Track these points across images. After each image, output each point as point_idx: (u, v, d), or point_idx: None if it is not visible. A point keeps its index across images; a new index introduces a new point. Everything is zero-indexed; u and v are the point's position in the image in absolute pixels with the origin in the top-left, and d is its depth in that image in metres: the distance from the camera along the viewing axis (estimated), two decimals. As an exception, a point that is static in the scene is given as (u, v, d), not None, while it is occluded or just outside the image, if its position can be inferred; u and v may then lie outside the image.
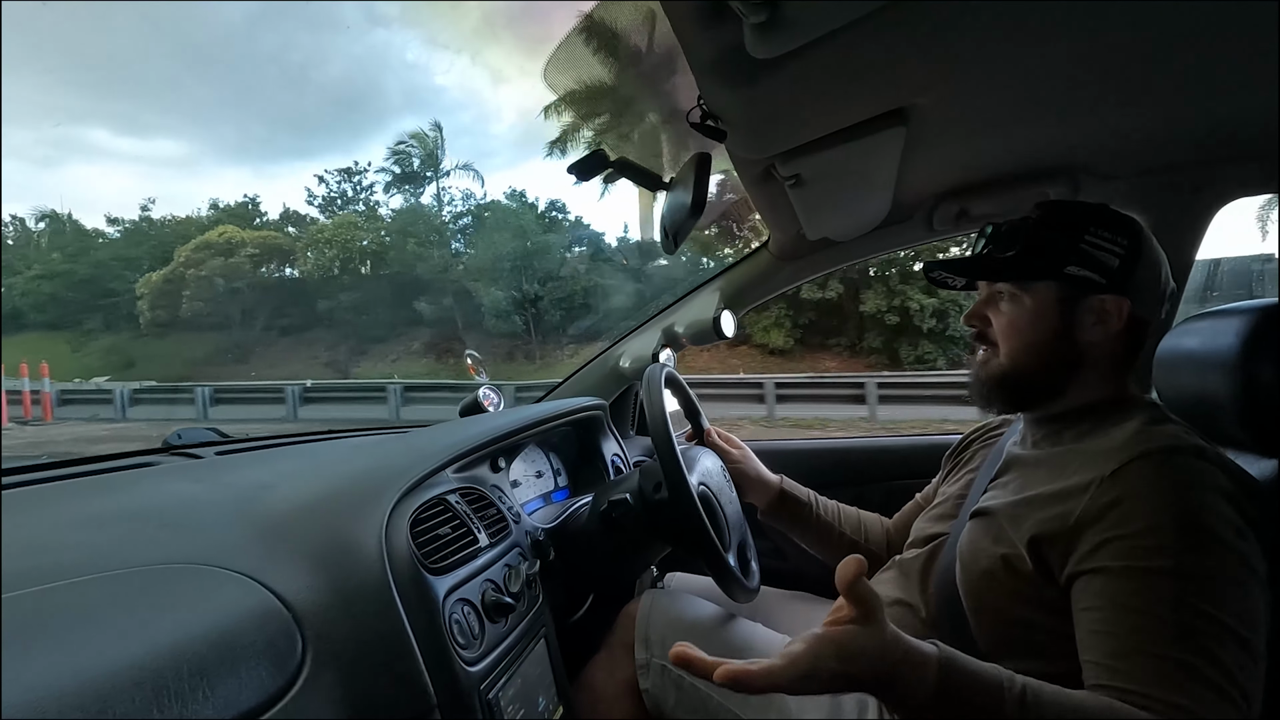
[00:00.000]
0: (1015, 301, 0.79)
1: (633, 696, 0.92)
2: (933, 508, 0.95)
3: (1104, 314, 0.75)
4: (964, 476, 0.94)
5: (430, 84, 58.84)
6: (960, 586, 0.77)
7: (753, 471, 1.17)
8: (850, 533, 1.12)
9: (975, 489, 0.86)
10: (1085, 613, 0.64)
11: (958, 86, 0.73)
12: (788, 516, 1.14)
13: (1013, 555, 0.71)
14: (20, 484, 0.77)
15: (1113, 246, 0.74)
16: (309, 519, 0.67)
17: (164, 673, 0.43)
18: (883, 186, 1.03)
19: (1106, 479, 0.65)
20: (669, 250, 0.90)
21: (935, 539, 0.88)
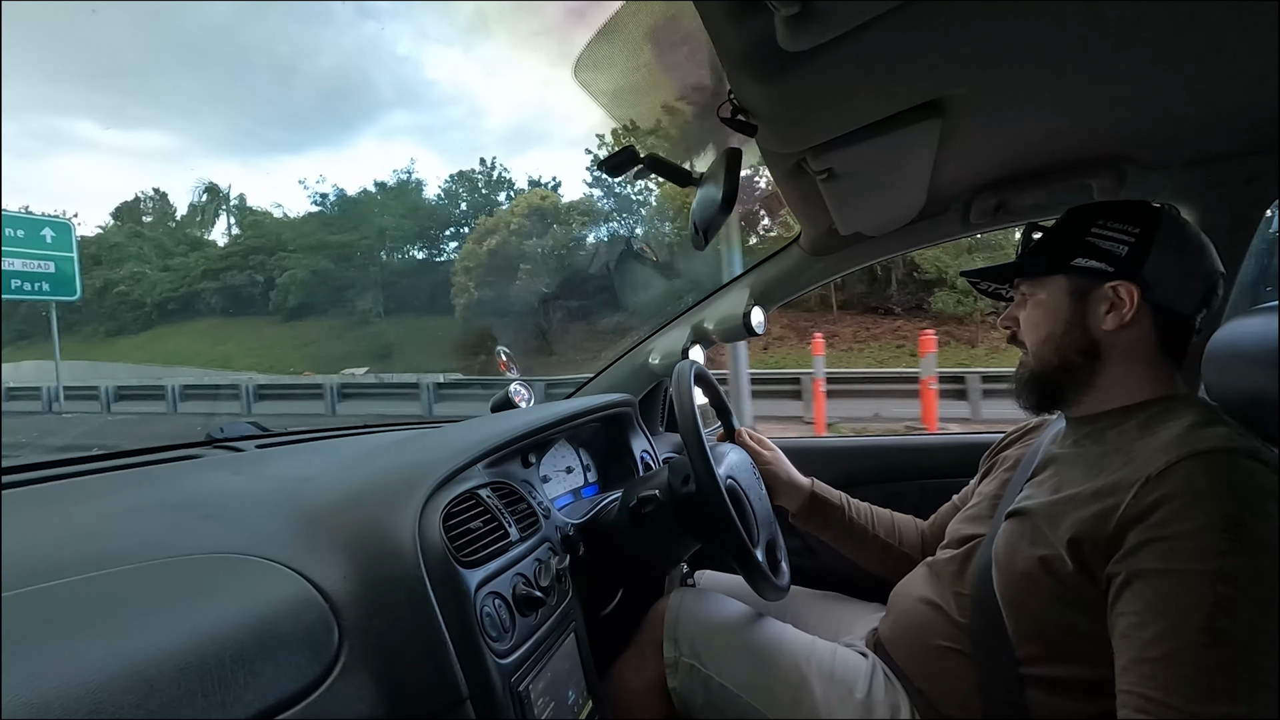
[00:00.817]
0: (1033, 299, 0.82)
1: (661, 694, 0.92)
2: (968, 508, 0.94)
3: (1116, 301, 0.75)
4: (1000, 476, 0.92)
5: (421, 77, 58.51)
6: (997, 589, 0.76)
7: (784, 474, 1.16)
8: (884, 535, 1.11)
9: (1011, 489, 0.84)
10: (1120, 616, 0.62)
11: (995, 76, 0.71)
12: (819, 519, 1.14)
13: (1052, 556, 0.69)
14: (74, 474, 0.80)
15: (1121, 235, 0.76)
16: (345, 511, 0.68)
17: (207, 659, 0.45)
18: (917, 180, 1.01)
19: (1153, 478, 0.63)
20: (699, 246, 0.90)
21: (970, 540, 0.86)
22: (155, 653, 0.43)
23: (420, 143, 66.95)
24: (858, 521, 1.12)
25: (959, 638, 0.81)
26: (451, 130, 63.50)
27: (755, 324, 1.39)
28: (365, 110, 61.18)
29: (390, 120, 61.85)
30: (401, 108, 60.63)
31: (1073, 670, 0.70)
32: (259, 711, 0.46)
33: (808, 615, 1.10)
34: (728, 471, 0.95)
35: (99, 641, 0.43)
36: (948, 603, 0.84)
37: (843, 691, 0.84)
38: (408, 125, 66.60)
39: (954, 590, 0.84)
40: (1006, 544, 0.76)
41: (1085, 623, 0.67)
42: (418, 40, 60.38)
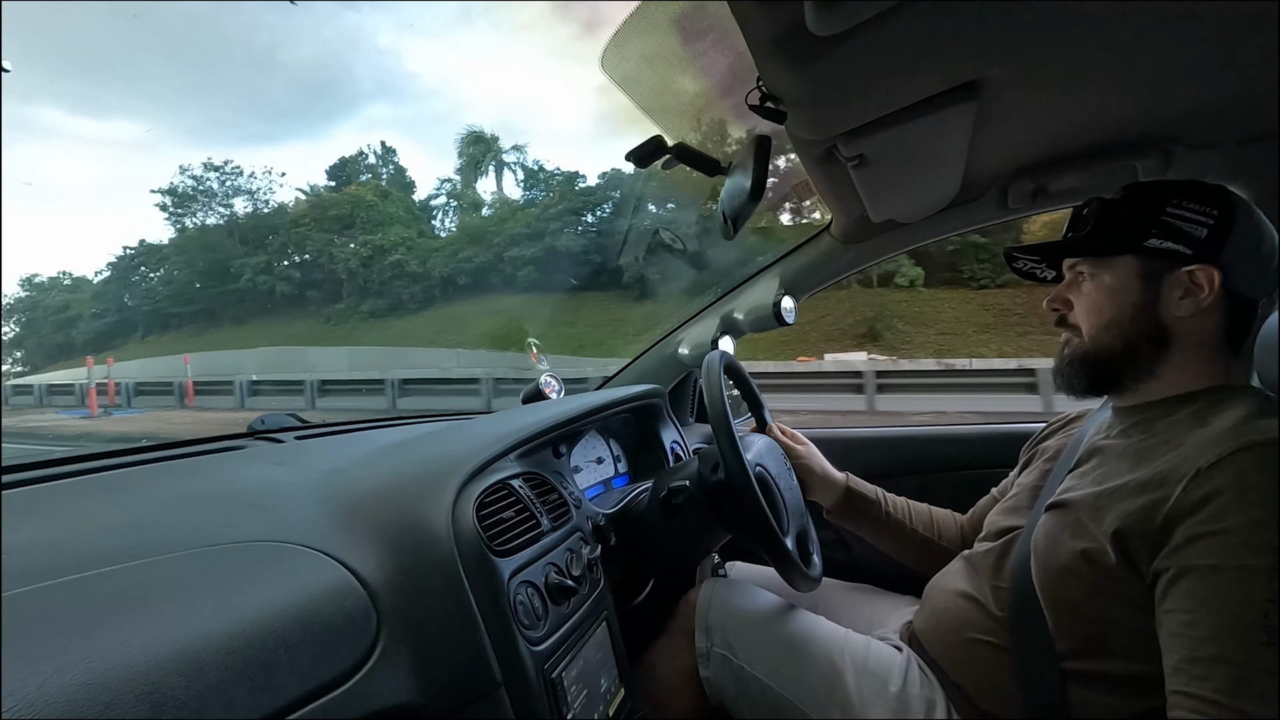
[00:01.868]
0: (1095, 280, 0.77)
1: (693, 684, 0.93)
2: (1007, 500, 0.91)
3: (1192, 286, 0.71)
4: (1041, 467, 0.90)
5: (402, 70, 57.86)
6: (1036, 583, 0.74)
7: (818, 468, 1.14)
8: (923, 530, 1.09)
9: (1052, 480, 0.82)
10: (1169, 614, 0.60)
11: (1034, 56, 0.69)
12: (855, 515, 1.12)
13: (1094, 549, 0.67)
14: (124, 465, 0.84)
15: (1199, 216, 0.71)
16: (382, 501, 0.70)
17: (252, 643, 0.46)
18: (952, 164, 0.99)
19: (1205, 470, 0.60)
20: (728, 236, 0.90)
21: (1009, 532, 0.84)
22: (204, 637, 0.45)
23: (401, 136, 65.27)
24: (894, 516, 1.10)
25: (996, 631, 0.79)
26: (433, 124, 62.62)
27: (786, 313, 1.37)
28: (345, 102, 60.27)
29: (370, 113, 61.03)
30: (382, 100, 59.90)
31: (1116, 665, 0.68)
32: (302, 694, 0.47)
33: (840, 607, 1.09)
34: (756, 459, 0.95)
35: (151, 625, 0.45)
36: (985, 596, 0.82)
37: (877, 685, 0.83)
38: (388, 118, 65.18)
39: (992, 583, 0.82)
40: (1046, 536, 0.74)
41: (1130, 618, 0.65)
42: (399, 32, 59.70)
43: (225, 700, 0.42)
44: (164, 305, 33.69)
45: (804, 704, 0.84)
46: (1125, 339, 0.75)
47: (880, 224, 1.23)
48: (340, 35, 56.52)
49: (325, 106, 59.73)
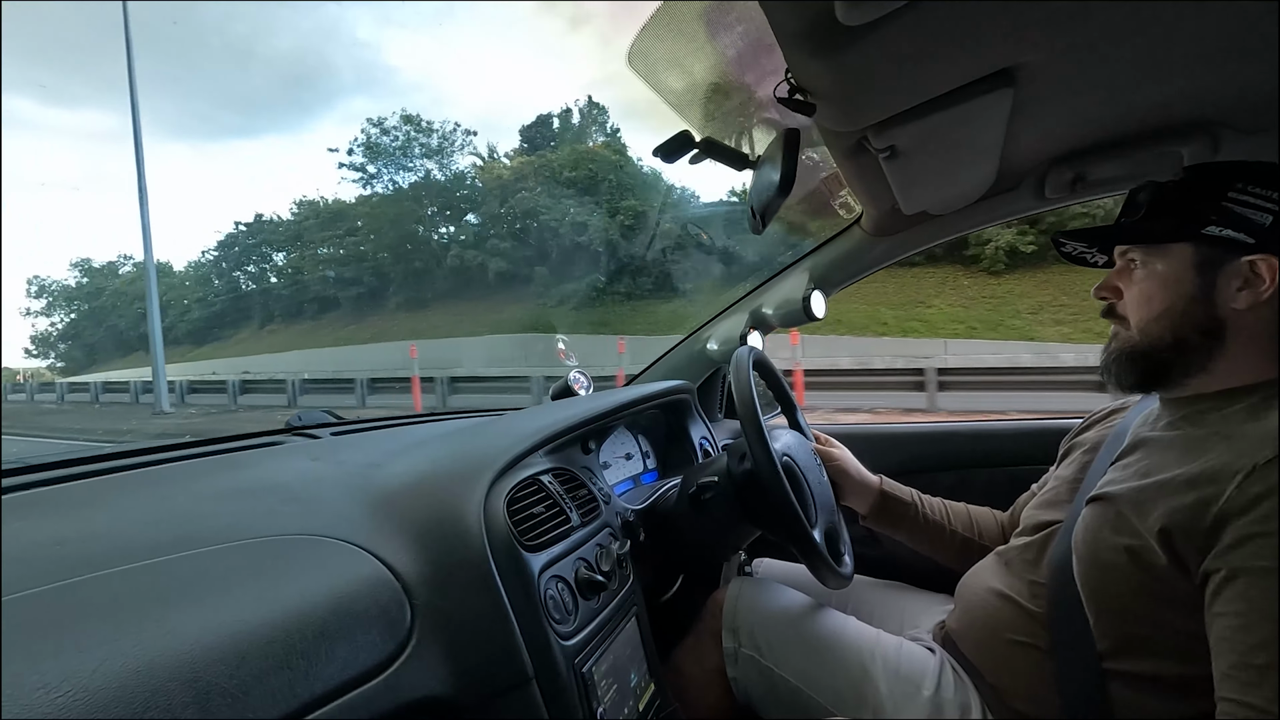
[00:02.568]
0: (1147, 268, 0.73)
1: (721, 684, 0.93)
2: (1044, 493, 0.89)
3: (1252, 277, 0.67)
4: (1079, 459, 0.87)
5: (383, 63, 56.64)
6: (1078, 579, 0.72)
7: (853, 471, 1.12)
8: (962, 530, 1.06)
9: (1093, 472, 0.79)
10: (1219, 617, 0.58)
11: (1073, 40, 0.67)
12: (891, 518, 1.09)
13: (1140, 546, 0.65)
14: (168, 460, 0.86)
15: (1265, 202, 0.67)
16: (414, 496, 0.71)
17: (292, 633, 0.48)
18: (987, 154, 0.96)
19: (1261, 467, 0.58)
20: (756, 231, 0.89)
21: (1046, 527, 0.82)
22: (245, 626, 0.46)
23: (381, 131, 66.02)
24: (932, 518, 1.07)
25: (1033, 630, 0.77)
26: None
27: (816, 309, 1.36)
28: (324, 95, 58.28)
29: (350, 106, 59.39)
30: (362, 94, 58.16)
31: (1162, 667, 0.66)
32: (339, 684, 0.48)
33: (871, 606, 1.07)
34: (784, 449, 0.94)
35: (196, 615, 0.46)
36: (1020, 593, 0.80)
37: (909, 689, 0.82)
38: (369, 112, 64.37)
39: (1028, 579, 0.80)
40: (1087, 530, 0.72)
41: (1178, 618, 0.63)
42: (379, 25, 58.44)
43: (266, 689, 0.44)
44: (309, 288, 29.04)
45: (834, 706, 0.83)
46: (1176, 332, 0.71)
47: (912, 216, 1.21)
48: (319, 27, 54.93)
49: (303, 100, 58.17)
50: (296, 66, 55.75)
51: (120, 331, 35.65)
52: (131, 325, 33.59)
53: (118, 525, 0.62)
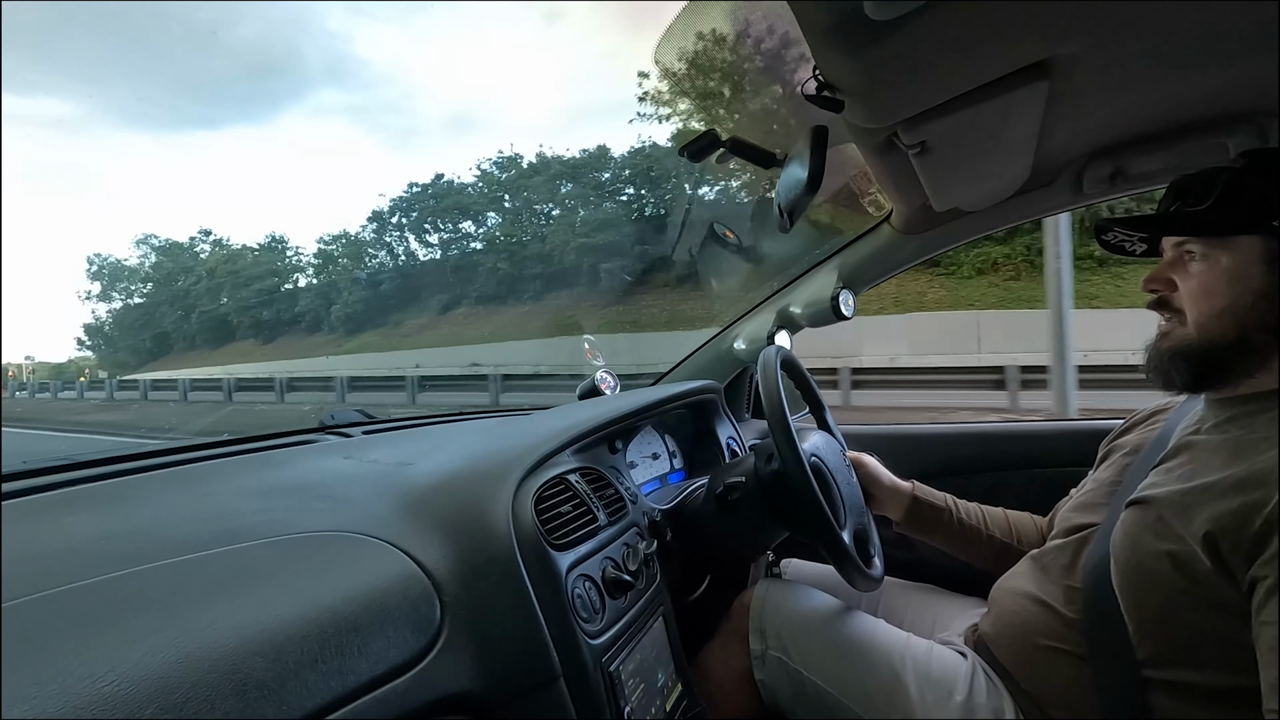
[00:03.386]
0: (1209, 261, 0.69)
1: (748, 685, 0.92)
2: (1081, 495, 0.86)
3: None
4: (1119, 462, 0.84)
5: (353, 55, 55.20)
6: (1116, 585, 0.69)
7: (884, 478, 1.09)
8: (1000, 535, 1.02)
9: (1133, 475, 0.77)
10: (1266, 625, 0.56)
11: (1112, 31, 0.65)
12: (925, 524, 1.06)
13: (1183, 552, 0.62)
14: (207, 458, 0.89)
15: None
16: (444, 494, 0.72)
17: (326, 628, 0.48)
18: (1021, 149, 0.94)
19: None
20: (783, 229, 0.88)
21: (1081, 530, 0.80)
22: (281, 621, 0.47)
23: (352, 123, 61.30)
24: (968, 523, 1.04)
25: (1069, 636, 0.75)
26: (385, 112, 60.14)
27: (844, 308, 1.35)
28: (292, 86, 56.92)
29: (319, 98, 57.44)
30: (332, 86, 57.03)
31: (1206, 676, 0.63)
32: (371, 679, 0.49)
33: (902, 609, 1.06)
34: (812, 450, 0.93)
35: (234, 610, 0.47)
36: (1056, 598, 0.78)
37: (941, 693, 0.80)
38: (338, 105, 61.82)
39: (1064, 584, 0.78)
40: (1126, 535, 0.70)
41: (1223, 626, 0.61)
42: (350, 16, 57.11)
43: (302, 682, 0.45)
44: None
45: (863, 710, 0.82)
46: (1241, 329, 0.67)
47: (944, 213, 1.19)
48: (287, 16, 54.35)
49: (271, 90, 57.02)
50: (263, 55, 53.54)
51: (215, 320, 33.57)
52: (231, 313, 31.94)
53: (161, 521, 0.64)
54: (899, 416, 6.84)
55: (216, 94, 58.51)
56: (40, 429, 11.99)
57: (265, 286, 32.65)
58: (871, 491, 1.09)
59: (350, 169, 54.98)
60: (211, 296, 34.02)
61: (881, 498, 1.09)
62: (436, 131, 54.32)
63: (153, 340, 35.77)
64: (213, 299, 33.91)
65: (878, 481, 1.09)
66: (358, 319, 28.69)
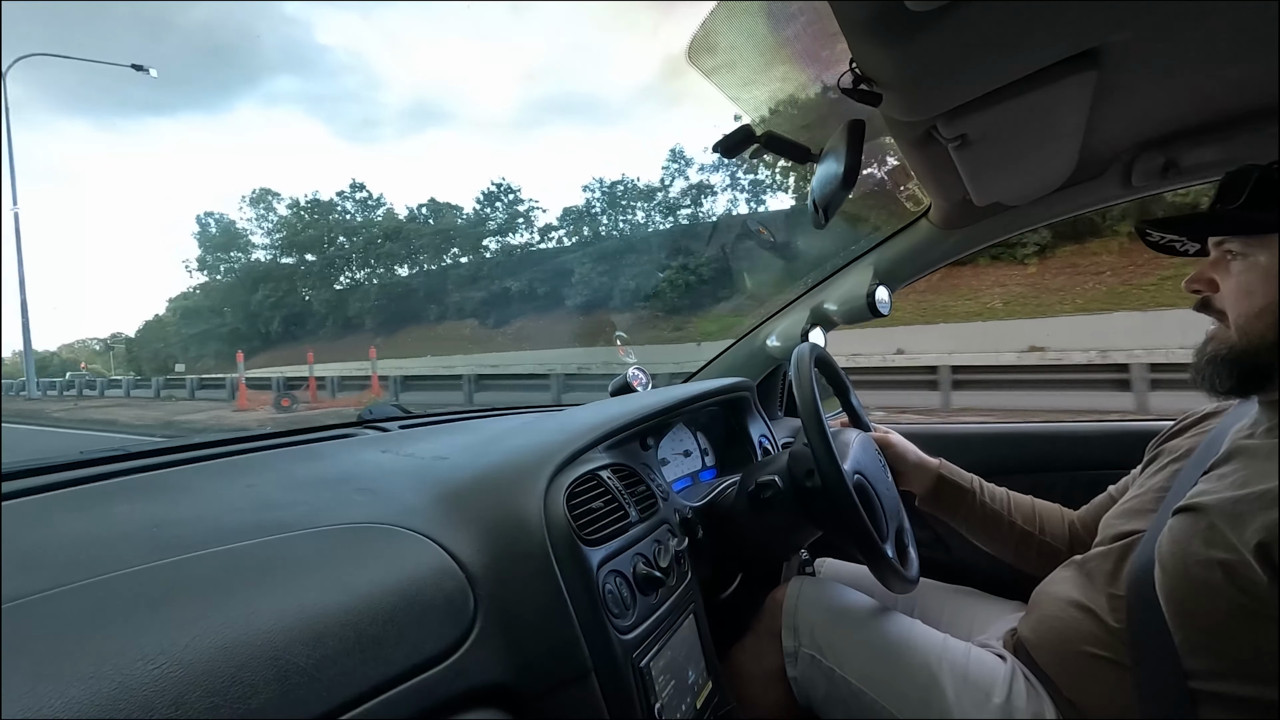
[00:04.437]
0: (1248, 260, 0.67)
1: (781, 683, 0.91)
2: (1127, 501, 0.83)
3: None
4: (1169, 466, 0.81)
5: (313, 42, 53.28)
6: (1162, 596, 0.67)
7: (912, 456, 1.09)
8: (1022, 523, 1.01)
9: (1182, 481, 0.74)
10: None
11: (1164, 16, 0.62)
12: (948, 504, 1.05)
13: (1235, 562, 0.60)
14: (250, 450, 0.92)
15: None
16: (478, 489, 0.73)
17: (364, 617, 0.50)
18: (1067, 140, 0.91)
19: None
20: (818, 225, 0.87)
21: (1127, 536, 0.77)
22: (322, 610, 0.48)
23: (309, 112, 59.19)
24: (991, 507, 1.02)
25: (1113, 645, 0.73)
26: (344, 101, 58.81)
27: (880, 305, 1.32)
28: (247, 73, 54.54)
29: (275, 86, 55.85)
30: (288, 73, 55.29)
31: (1261, 691, 0.61)
32: (407, 668, 0.50)
33: (939, 610, 1.04)
34: (855, 467, 0.91)
35: (277, 598, 0.49)
36: (1100, 606, 0.76)
37: (978, 695, 0.79)
38: (295, 93, 59.78)
39: (1108, 592, 0.75)
40: (1173, 543, 0.67)
41: (1277, 640, 0.59)
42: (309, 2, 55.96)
43: (340, 669, 0.46)
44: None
45: (898, 710, 0.81)
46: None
47: (984, 208, 1.16)
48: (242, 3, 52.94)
49: (224, 76, 54.91)
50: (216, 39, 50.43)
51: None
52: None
53: (207, 510, 0.66)
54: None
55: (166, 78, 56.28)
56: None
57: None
58: (896, 468, 1.08)
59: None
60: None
61: (906, 474, 1.08)
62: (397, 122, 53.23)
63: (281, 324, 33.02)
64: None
65: (903, 459, 1.09)
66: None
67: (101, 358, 42.82)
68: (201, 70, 55.29)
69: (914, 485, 1.09)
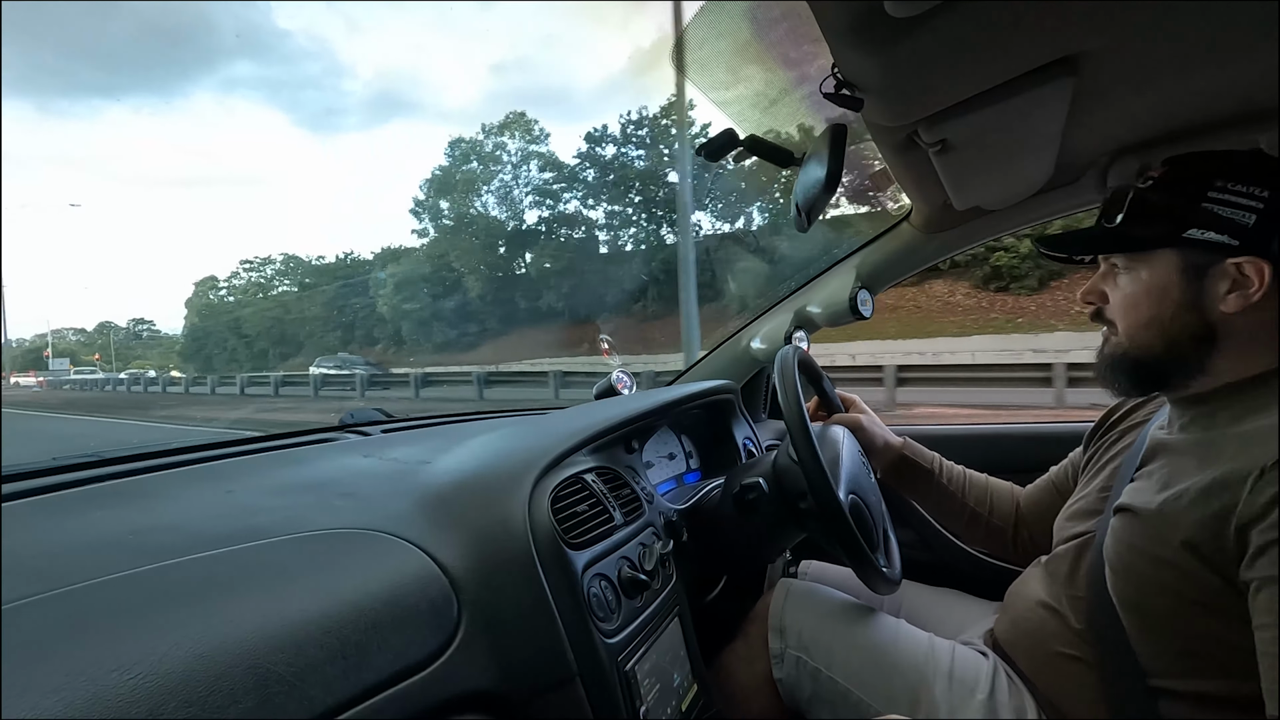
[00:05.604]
0: (1131, 274, 0.71)
1: (768, 687, 0.92)
2: (1074, 502, 0.85)
3: (1241, 279, 0.64)
4: (1106, 465, 0.83)
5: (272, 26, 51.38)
6: (1114, 596, 0.69)
7: (879, 437, 1.12)
8: (974, 504, 1.05)
9: (1120, 480, 0.76)
10: (1259, 630, 0.56)
11: (1141, 24, 0.64)
12: (906, 481, 1.10)
13: (1171, 560, 0.62)
14: (231, 455, 0.90)
15: (1246, 200, 0.63)
16: (461, 493, 0.73)
17: (346, 625, 0.49)
18: (1045, 146, 0.92)
19: (1269, 469, 0.55)
20: (801, 228, 0.88)
21: (1079, 538, 0.79)
22: (303, 617, 0.48)
23: (267, 99, 57.63)
24: (948, 488, 1.06)
25: (1079, 644, 0.75)
26: (305, 88, 57.46)
27: (862, 307, 1.34)
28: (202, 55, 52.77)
29: (232, 70, 54.22)
30: (246, 58, 54.08)
31: (1213, 684, 0.62)
32: (389, 675, 0.49)
33: (923, 611, 1.05)
34: (849, 487, 0.90)
35: (257, 605, 0.48)
36: (1064, 607, 0.78)
37: (963, 692, 0.80)
38: (253, 78, 58.06)
39: (1068, 593, 0.77)
40: (1118, 543, 0.69)
41: (1224, 632, 0.60)
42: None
43: (321, 677, 0.45)
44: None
45: (885, 708, 0.82)
46: (1167, 339, 0.69)
47: (965, 212, 1.17)
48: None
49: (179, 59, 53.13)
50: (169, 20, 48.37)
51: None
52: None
53: (186, 517, 0.65)
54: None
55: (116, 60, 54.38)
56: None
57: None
58: (865, 447, 1.10)
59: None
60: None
61: (869, 450, 1.11)
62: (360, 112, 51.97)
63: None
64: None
65: (872, 440, 1.12)
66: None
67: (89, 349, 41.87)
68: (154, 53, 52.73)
69: (876, 461, 1.12)
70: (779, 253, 18.76)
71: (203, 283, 41.76)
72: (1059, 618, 0.78)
